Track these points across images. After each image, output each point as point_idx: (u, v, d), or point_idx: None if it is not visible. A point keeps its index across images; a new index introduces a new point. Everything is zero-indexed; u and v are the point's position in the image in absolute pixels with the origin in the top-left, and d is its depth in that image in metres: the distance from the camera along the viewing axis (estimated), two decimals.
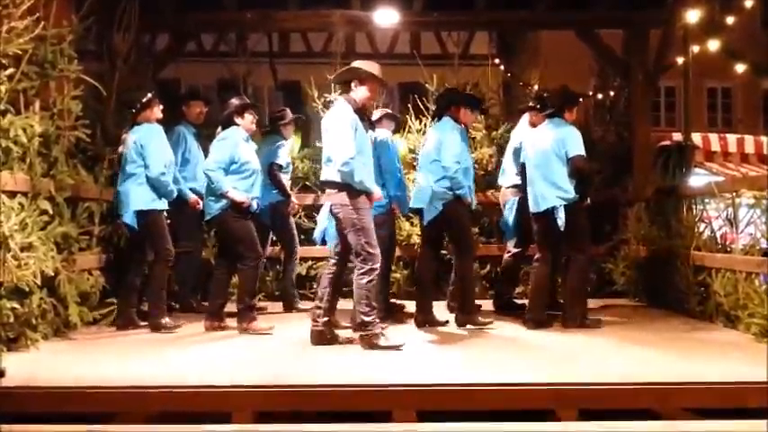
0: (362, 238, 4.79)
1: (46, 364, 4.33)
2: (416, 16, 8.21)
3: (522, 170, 6.16)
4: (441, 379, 3.93)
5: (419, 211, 5.89)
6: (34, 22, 5.08)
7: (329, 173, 4.92)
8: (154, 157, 5.60)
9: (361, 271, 4.81)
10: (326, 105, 7.87)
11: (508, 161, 6.58)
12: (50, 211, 5.10)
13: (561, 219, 5.57)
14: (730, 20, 8.58)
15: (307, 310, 6.68)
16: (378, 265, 4.84)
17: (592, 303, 6.36)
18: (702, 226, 6.35)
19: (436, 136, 5.83)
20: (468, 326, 5.62)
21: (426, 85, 8.19)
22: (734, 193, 5.88)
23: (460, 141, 5.75)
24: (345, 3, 7.99)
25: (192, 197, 6.33)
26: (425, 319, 5.76)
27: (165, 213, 5.83)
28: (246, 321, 5.49)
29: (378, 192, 5.07)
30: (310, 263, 7.73)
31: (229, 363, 4.43)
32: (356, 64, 5.09)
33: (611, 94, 8.99)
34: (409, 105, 7.92)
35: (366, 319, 4.79)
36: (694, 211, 6.48)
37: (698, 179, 8.06)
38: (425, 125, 7.94)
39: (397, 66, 17.71)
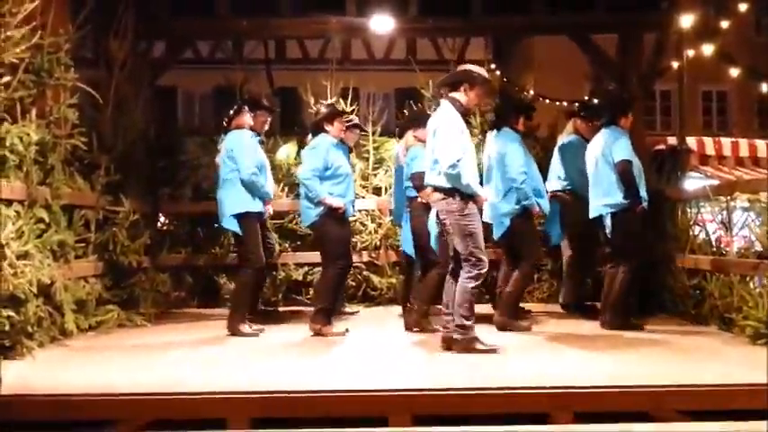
0: (471, 244, 4.73)
1: (42, 372, 4.33)
2: (412, 22, 8.24)
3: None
4: (436, 384, 3.93)
5: (489, 226, 5.90)
6: (31, 30, 5.10)
7: (435, 177, 4.84)
8: (244, 159, 5.61)
9: (469, 275, 4.75)
10: None
11: (552, 167, 6.74)
12: (47, 219, 5.12)
13: (608, 226, 5.69)
14: (724, 24, 8.63)
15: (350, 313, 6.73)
16: (485, 271, 4.80)
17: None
18: (697, 229, 6.37)
19: (497, 149, 5.88)
20: (508, 330, 5.66)
21: (422, 91, 8.21)
22: (728, 197, 5.91)
23: (523, 151, 5.84)
24: (341, 9, 8.02)
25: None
26: (506, 324, 5.76)
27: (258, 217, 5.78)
28: (321, 324, 5.51)
29: (484, 194, 5.02)
30: (306, 268, 7.73)
31: (224, 369, 4.44)
32: (469, 68, 5.04)
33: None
34: (405, 111, 7.94)
35: (466, 323, 4.74)
36: (689, 214, 6.49)
37: (693, 183, 8.09)
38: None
39: (394, 71, 17.84)
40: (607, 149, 5.73)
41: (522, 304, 6.30)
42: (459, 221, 4.75)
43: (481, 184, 5.92)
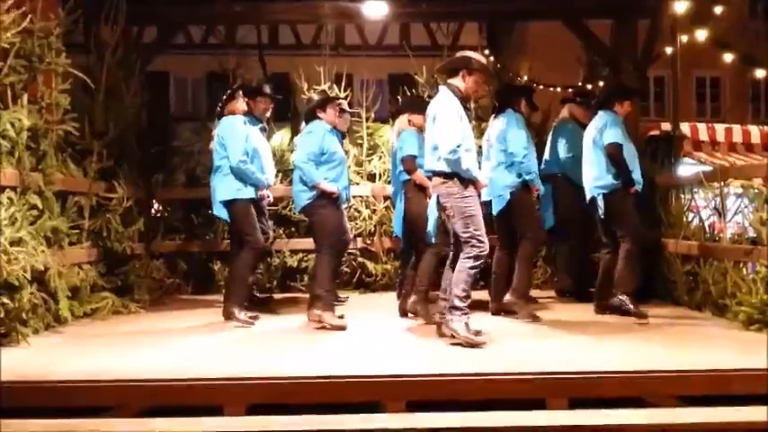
0: (472, 226, 4.73)
1: (37, 358, 4.32)
2: (405, 7, 8.20)
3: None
4: (431, 369, 3.95)
5: (488, 204, 5.89)
6: (21, 15, 5.06)
7: (435, 162, 4.86)
8: (232, 146, 5.58)
9: (469, 255, 4.73)
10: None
11: (546, 152, 6.85)
12: (40, 206, 5.09)
13: (601, 208, 5.73)
14: (718, 10, 8.61)
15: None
16: (486, 253, 4.79)
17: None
18: (691, 215, 6.39)
19: (500, 127, 5.92)
20: (509, 311, 5.70)
21: (416, 77, 8.18)
22: (722, 183, 5.92)
23: (525, 130, 5.88)
24: None
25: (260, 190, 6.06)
26: (499, 308, 5.82)
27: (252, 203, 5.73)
28: (322, 310, 5.47)
29: (484, 180, 5.02)
30: (301, 255, 7.72)
31: (220, 355, 4.45)
32: (468, 54, 5.02)
33: (600, 84, 9.02)
34: (399, 97, 7.93)
35: (459, 304, 4.71)
36: (683, 200, 6.52)
37: (686, 169, 8.10)
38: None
39: (387, 57, 17.79)
40: (598, 134, 5.75)
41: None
42: (459, 203, 4.76)
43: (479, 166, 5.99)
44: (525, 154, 5.75)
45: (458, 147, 4.69)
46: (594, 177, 5.78)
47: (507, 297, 5.81)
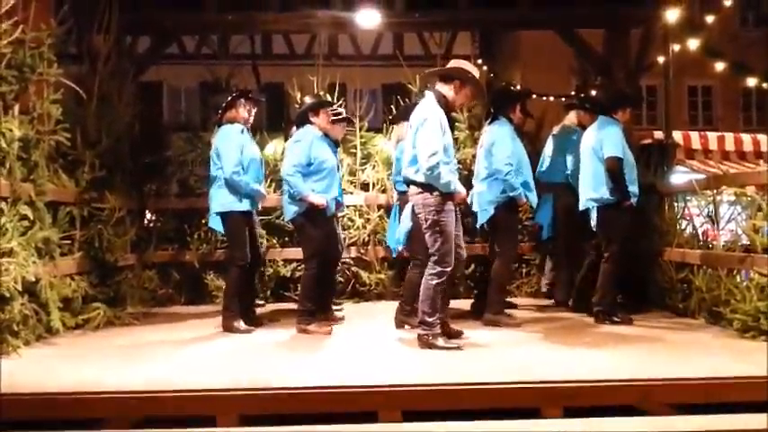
0: (439, 241, 4.72)
1: (29, 370, 4.27)
2: (398, 17, 8.22)
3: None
4: (426, 379, 3.93)
5: (476, 214, 5.91)
6: (12, 25, 5.03)
7: (413, 173, 4.80)
8: (226, 157, 5.52)
9: (433, 272, 4.75)
10: None
11: (552, 157, 6.83)
12: (31, 216, 5.05)
13: (593, 219, 5.74)
14: (709, 19, 8.67)
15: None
16: (450, 269, 4.78)
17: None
18: (684, 223, 6.40)
19: (488, 138, 5.89)
20: (494, 326, 5.65)
21: (409, 86, 8.19)
22: (715, 191, 5.93)
23: (512, 142, 5.80)
24: (327, 4, 7.99)
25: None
26: (494, 321, 5.77)
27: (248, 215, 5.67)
28: (305, 323, 5.48)
29: (463, 192, 4.96)
30: (294, 264, 7.69)
31: (214, 366, 4.41)
32: (465, 65, 4.96)
33: (593, 93, 9.04)
34: (392, 106, 7.92)
35: (428, 319, 4.75)
36: (676, 208, 6.53)
37: (679, 177, 8.12)
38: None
39: (381, 67, 17.83)
40: (598, 144, 5.74)
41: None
42: (434, 217, 4.72)
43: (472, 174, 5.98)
44: (509, 170, 5.66)
45: (437, 163, 4.64)
46: (589, 188, 5.77)
47: (485, 315, 5.79)
